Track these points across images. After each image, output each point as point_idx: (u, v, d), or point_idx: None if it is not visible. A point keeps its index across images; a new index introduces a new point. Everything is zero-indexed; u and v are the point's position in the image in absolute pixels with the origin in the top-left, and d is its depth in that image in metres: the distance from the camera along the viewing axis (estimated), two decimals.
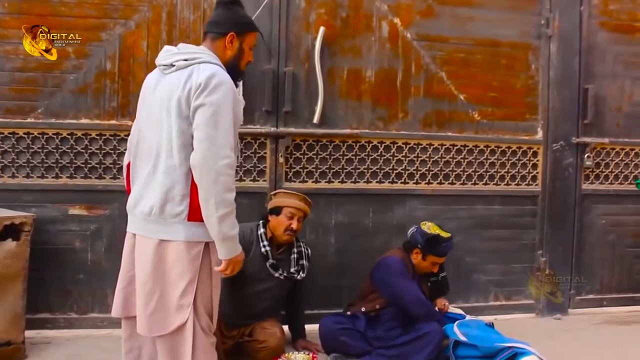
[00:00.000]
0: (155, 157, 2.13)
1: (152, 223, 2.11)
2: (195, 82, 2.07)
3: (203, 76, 2.07)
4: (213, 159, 2.01)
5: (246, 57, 2.38)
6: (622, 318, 4.28)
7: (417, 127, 4.00)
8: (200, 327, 2.12)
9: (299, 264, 3.35)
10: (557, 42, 4.16)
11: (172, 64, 2.18)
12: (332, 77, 3.84)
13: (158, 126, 2.14)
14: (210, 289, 2.17)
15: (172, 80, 2.14)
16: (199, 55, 2.18)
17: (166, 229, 2.09)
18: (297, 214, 3.24)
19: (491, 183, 4.16)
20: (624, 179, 4.46)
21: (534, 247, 4.27)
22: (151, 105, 2.21)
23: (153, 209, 2.09)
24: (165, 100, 2.12)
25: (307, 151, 3.83)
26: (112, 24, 3.57)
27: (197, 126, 2.05)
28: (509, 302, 4.26)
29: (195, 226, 2.09)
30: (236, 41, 2.31)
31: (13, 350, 3.08)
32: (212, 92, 2.05)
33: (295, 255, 3.35)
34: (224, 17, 2.32)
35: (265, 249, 3.21)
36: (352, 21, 3.86)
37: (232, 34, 2.28)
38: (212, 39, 2.30)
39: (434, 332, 3.15)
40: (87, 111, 3.57)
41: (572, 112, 4.25)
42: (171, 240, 2.08)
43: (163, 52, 2.29)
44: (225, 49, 2.29)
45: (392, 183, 3.97)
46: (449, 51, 4.02)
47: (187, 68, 2.14)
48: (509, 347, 3.00)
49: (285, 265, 3.29)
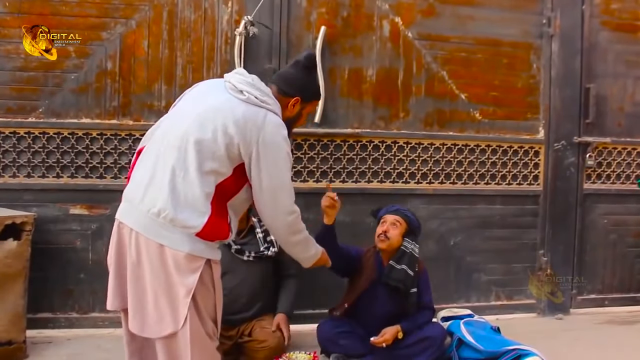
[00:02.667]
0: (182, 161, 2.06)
1: (158, 226, 2.03)
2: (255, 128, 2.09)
3: (268, 128, 2.11)
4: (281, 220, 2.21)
5: (301, 121, 2.45)
6: (624, 318, 4.27)
7: (418, 126, 3.99)
8: (206, 332, 2.11)
9: (267, 241, 3.35)
10: (559, 41, 4.16)
11: (242, 91, 2.17)
12: (333, 77, 3.84)
13: (199, 131, 2.08)
14: (213, 299, 2.17)
15: (239, 107, 2.13)
16: (270, 102, 2.19)
17: (172, 236, 2.03)
18: None
19: (492, 183, 4.16)
20: (626, 179, 4.45)
21: (535, 246, 4.26)
22: (201, 110, 2.14)
23: (163, 213, 2.02)
24: (221, 119, 2.08)
25: (308, 150, 3.82)
26: (112, 23, 3.57)
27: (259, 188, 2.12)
28: (510, 302, 4.26)
29: (201, 242, 2.07)
30: (298, 106, 2.34)
31: (14, 349, 3.09)
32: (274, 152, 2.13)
33: (261, 234, 3.35)
34: (298, 80, 2.34)
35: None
36: (353, 20, 3.86)
37: (298, 99, 2.31)
38: (277, 91, 2.31)
39: (436, 335, 3.16)
40: (88, 110, 3.57)
41: (574, 112, 4.24)
42: (173, 248, 2.03)
43: (237, 74, 2.27)
44: (287, 109, 2.31)
45: (394, 182, 3.97)
46: (450, 50, 4.02)
47: (255, 107, 2.15)
48: (512, 350, 3.00)
49: (253, 247, 3.29)
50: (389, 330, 3.11)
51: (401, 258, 3.16)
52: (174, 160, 2.07)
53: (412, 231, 3.24)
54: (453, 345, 3.22)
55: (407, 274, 3.12)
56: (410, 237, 3.22)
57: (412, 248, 3.19)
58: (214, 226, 2.07)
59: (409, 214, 3.27)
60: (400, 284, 3.11)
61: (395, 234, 3.19)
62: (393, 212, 3.26)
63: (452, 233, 4.10)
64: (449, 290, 4.07)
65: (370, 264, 3.26)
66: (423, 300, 3.24)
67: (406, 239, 3.20)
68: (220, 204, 2.12)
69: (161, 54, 3.64)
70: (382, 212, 3.32)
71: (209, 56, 3.68)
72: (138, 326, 2.09)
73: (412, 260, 3.16)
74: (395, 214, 3.24)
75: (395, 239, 3.19)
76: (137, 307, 2.08)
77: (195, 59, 3.66)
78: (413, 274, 3.14)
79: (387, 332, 3.10)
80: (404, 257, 3.16)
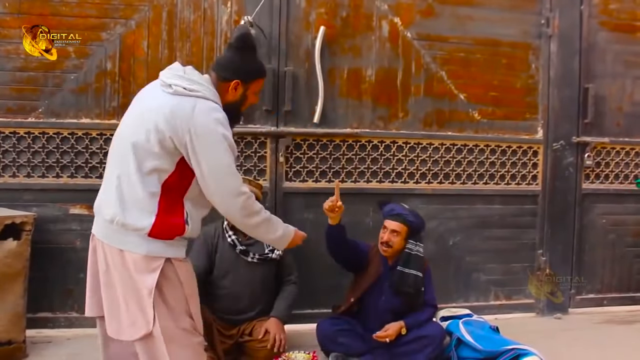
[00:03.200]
0: (126, 166, 2.08)
1: (114, 232, 2.08)
2: (186, 117, 2.04)
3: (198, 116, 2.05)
4: (231, 204, 2.13)
5: (249, 101, 2.35)
6: (623, 317, 4.28)
7: (417, 126, 4.00)
8: (182, 328, 2.10)
9: None
10: (558, 42, 4.16)
11: (171, 85, 2.13)
12: (333, 77, 3.84)
13: (134, 135, 2.09)
14: (184, 296, 2.14)
15: (167, 101, 2.09)
16: (200, 89, 2.13)
17: (127, 240, 2.06)
18: None
19: (491, 182, 4.16)
20: (624, 179, 4.46)
21: (534, 246, 4.27)
22: (137, 114, 2.16)
23: (115, 219, 2.05)
24: (153, 117, 2.07)
25: (308, 150, 3.83)
26: (112, 24, 3.58)
27: (201, 176, 2.07)
28: (509, 302, 4.26)
29: (158, 242, 2.07)
30: (240, 88, 2.27)
31: (14, 349, 3.09)
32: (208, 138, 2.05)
33: None
34: (233, 62, 2.26)
35: (232, 239, 3.24)
36: (352, 21, 3.86)
37: (238, 82, 2.25)
38: (216, 78, 2.25)
39: (435, 333, 3.16)
40: (87, 111, 3.58)
41: (573, 112, 4.25)
42: (131, 252, 2.05)
43: (170, 69, 2.23)
44: (228, 93, 2.25)
45: (393, 182, 3.97)
46: (449, 51, 4.02)
47: (184, 97, 2.10)
48: (511, 349, 3.01)
49: (258, 249, 3.29)
50: (392, 326, 3.12)
51: (408, 261, 3.19)
52: (118, 167, 2.11)
53: (414, 232, 3.26)
54: (452, 345, 3.22)
55: (417, 278, 3.17)
56: (414, 238, 3.24)
57: (417, 249, 3.22)
58: (164, 225, 2.06)
59: (409, 218, 3.25)
60: (412, 289, 3.16)
61: (396, 241, 3.22)
62: (393, 218, 3.25)
63: (451, 233, 4.11)
64: (448, 290, 4.08)
65: (376, 260, 3.28)
66: (426, 297, 3.26)
67: (410, 241, 3.23)
68: (172, 201, 2.11)
69: (161, 54, 3.64)
70: (384, 212, 3.32)
71: (209, 56, 3.68)
72: (115, 331, 2.12)
73: (419, 261, 3.21)
74: (396, 220, 3.24)
75: (397, 245, 3.22)
76: (112, 312, 2.11)
77: (194, 59, 3.66)
78: (422, 275, 3.19)
79: (391, 327, 3.11)
80: (410, 259, 3.19)
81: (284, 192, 3.78)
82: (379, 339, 3.09)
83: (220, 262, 3.24)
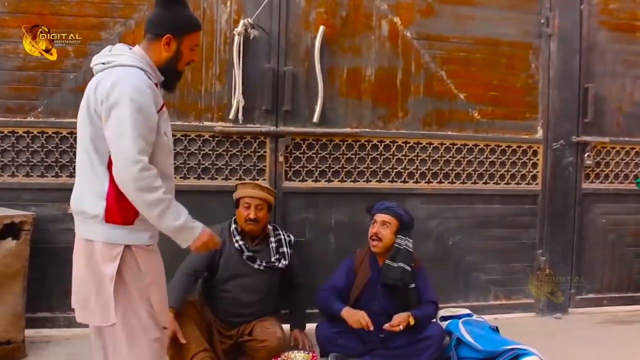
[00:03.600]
0: (81, 159, 2.13)
1: (80, 222, 2.11)
2: (101, 90, 2.01)
3: (108, 84, 2.00)
4: (125, 171, 1.97)
5: (185, 58, 2.26)
6: (623, 317, 4.28)
7: (417, 126, 4.00)
8: (141, 321, 2.09)
9: (280, 252, 3.33)
10: (557, 41, 4.16)
11: (94, 67, 2.13)
12: (332, 76, 3.84)
13: (81, 124, 2.14)
14: (145, 285, 2.11)
15: (92, 82, 2.10)
16: (116, 58, 2.10)
17: (90, 229, 2.06)
18: (252, 203, 3.23)
19: (491, 182, 4.16)
20: (624, 178, 4.46)
21: (534, 246, 4.27)
22: (82, 104, 2.16)
23: (77, 208, 2.10)
24: (85, 102, 2.10)
25: (307, 150, 3.83)
26: (112, 23, 3.57)
27: (108, 139, 2.02)
28: (509, 302, 4.26)
29: (114, 228, 2.05)
30: (174, 43, 2.18)
31: (13, 349, 3.09)
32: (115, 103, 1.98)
33: (274, 244, 3.34)
34: (161, 17, 2.19)
35: (239, 244, 3.22)
36: (352, 20, 3.86)
37: (169, 36, 2.17)
38: (148, 39, 2.19)
39: (435, 335, 3.15)
40: None
41: (572, 111, 4.25)
42: (94, 240, 2.05)
43: (98, 54, 2.20)
44: (162, 50, 2.18)
45: (392, 182, 3.97)
46: (449, 50, 4.02)
47: (104, 72, 2.08)
48: (510, 349, 3.00)
49: (265, 256, 3.28)
50: (399, 316, 3.09)
51: (396, 255, 3.18)
52: (77, 159, 2.17)
53: (404, 227, 3.27)
54: (452, 345, 3.22)
55: (405, 270, 3.15)
56: (403, 233, 3.25)
57: (405, 244, 3.22)
58: (115, 208, 2.04)
59: (399, 211, 3.28)
60: (399, 282, 3.14)
61: (386, 233, 3.23)
62: (383, 211, 3.27)
63: (450, 233, 4.10)
64: (447, 290, 4.07)
65: (364, 265, 3.30)
66: (425, 296, 3.25)
67: (399, 236, 3.23)
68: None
69: None
70: (373, 210, 3.35)
71: (208, 56, 3.68)
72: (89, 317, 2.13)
73: (408, 255, 3.19)
74: (385, 212, 3.26)
75: (387, 238, 3.23)
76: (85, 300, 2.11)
77: None
78: (410, 269, 3.17)
79: (398, 317, 3.08)
80: (398, 254, 3.19)
81: (283, 191, 3.78)
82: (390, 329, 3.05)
83: (225, 265, 3.22)
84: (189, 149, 3.67)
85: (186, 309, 3.06)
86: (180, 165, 3.66)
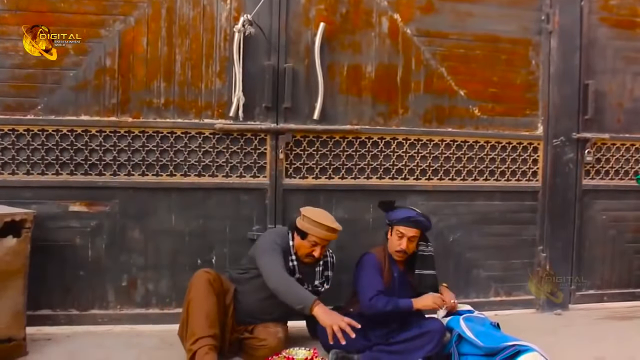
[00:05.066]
0: None
1: None
2: None
3: None
4: None
5: None
6: (623, 313, 4.28)
7: (417, 123, 3.99)
8: None
9: (324, 276, 3.34)
10: (558, 38, 4.16)
11: None
12: (332, 73, 3.83)
13: None
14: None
15: None
16: None
17: None
18: (321, 243, 3.17)
19: (491, 179, 4.16)
20: (625, 175, 4.45)
21: (534, 242, 4.27)
22: None
23: None
24: None
25: (307, 147, 3.82)
26: (111, 21, 3.57)
27: None
28: (509, 298, 4.27)
29: None
30: None
31: (14, 346, 3.08)
32: None
33: (321, 267, 3.33)
34: None
35: (293, 264, 3.18)
36: (352, 17, 3.85)
37: None
38: None
39: (435, 330, 3.15)
40: (86, 108, 3.57)
41: (573, 108, 4.25)
42: None
43: None
44: None
45: (393, 179, 3.97)
46: (449, 47, 4.02)
47: None
48: (511, 345, 3.00)
49: (310, 278, 3.26)
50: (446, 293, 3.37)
51: (425, 263, 3.31)
52: None
53: (424, 234, 3.36)
54: (452, 341, 3.22)
55: (435, 276, 3.32)
56: (423, 239, 3.34)
57: (429, 250, 3.34)
58: None
59: (425, 224, 3.31)
60: (431, 290, 3.27)
61: (412, 247, 3.30)
62: (411, 225, 3.26)
63: (451, 229, 4.11)
64: (448, 286, 4.06)
65: (387, 268, 3.34)
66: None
67: (420, 243, 3.32)
68: None
69: (160, 51, 3.63)
70: (396, 218, 3.30)
71: (208, 53, 3.68)
72: None
73: (432, 261, 3.34)
74: (414, 226, 3.26)
75: (412, 250, 3.31)
76: None
77: (194, 56, 3.66)
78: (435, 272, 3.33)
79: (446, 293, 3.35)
80: (426, 261, 3.31)
81: (283, 188, 3.78)
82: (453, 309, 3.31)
83: None
84: (189, 147, 3.67)
85: (216, 283, 3.04)
86: (181, 162, 3.66)
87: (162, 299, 3.73)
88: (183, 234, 3.71)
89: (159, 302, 3.73)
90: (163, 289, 3.72)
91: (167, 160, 3.65)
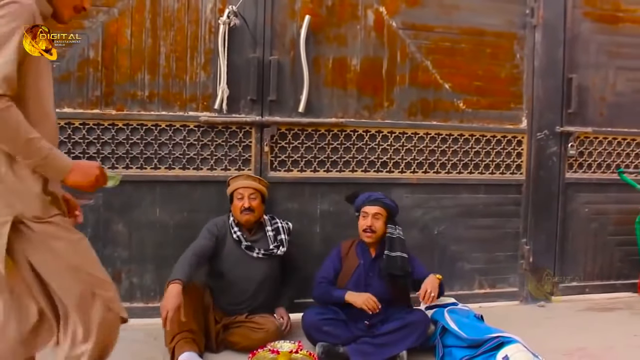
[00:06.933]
0: None
1: None
2: None
3: None
4: None
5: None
6: (604, 305, 4.34)
7: (402, 116, 4.00)
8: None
9: (278, 240, 3.40)
10: (542, 32, 4.18)
11: None
12: (318, 66, 3.83)
13: None
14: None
15: None
16: None
17: None
18: (245, 193, 3.33)
19: (476, 172, 4.19)
20: (607, 168, 4.50)
21: (518, 235, 4.31)
22: None
23: None
24: None
25: (293, 140, 3.82)
26: (95, 12, 3.51)
27: None
28: (493, 290, 4.30)
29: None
30: None
31: None
32: None
33: (271, 232, 3.42)
34: None
35: (237, 235, 3.31)
36: (337, 10, 3.84)
37: None
38: None
39: (419, 321, 3.18)
40: (70, 100, 3.53)
41: (556, 102, 4.28)
42: None
43: None
44: None
45: (378, 172, 3.98)
46: (435, 40, 4.02)
47: None
48: (494, 337, 3.03)
49: (263, 244, 3.36)
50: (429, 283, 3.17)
51: (392, 245, 3.27)
52: None
53: (392, 216, 3.37)
54: (437, 333, 3.25)
55: (404, 258, 3.26)
56: (391, 222, 3.35)
57: (398, 233, 3.32)
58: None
59: (387, 202, 3.37)
60: (401, 271, 3.24)
61: (379, 225, 3.32)
62: (373, 203, 3.34)
63: (436, 222, 4.13)
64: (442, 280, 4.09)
65: (350, 255, 3.39)
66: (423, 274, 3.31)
67: (389, 225, 3.32)
68: None
69: (144, 43, 3.60)
70: (359, 202, 3.40)
71: (193, 45, 3.65)
72: None
73: (402, 243, 3.31)
74: (376, 204, 3.33)
75: (380, 229, 3.32)
76: None
77: (178, 48, 3.63)
78: (407, 256, 3.28)
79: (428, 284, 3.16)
80: (394, 243, 3.28)
81: (268, 181, 3.77)
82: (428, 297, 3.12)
83: (226, 257, 3.31)
84: (173, 139, 3.65)
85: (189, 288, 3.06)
86: (165, 155, 3.64)
87: (146, 292, 3.71)
88: (168, 227, 3.69)
89: (144, 295, 3.71)
90: (147, 282, 3.71)
91: (152, 153, 3.63)
